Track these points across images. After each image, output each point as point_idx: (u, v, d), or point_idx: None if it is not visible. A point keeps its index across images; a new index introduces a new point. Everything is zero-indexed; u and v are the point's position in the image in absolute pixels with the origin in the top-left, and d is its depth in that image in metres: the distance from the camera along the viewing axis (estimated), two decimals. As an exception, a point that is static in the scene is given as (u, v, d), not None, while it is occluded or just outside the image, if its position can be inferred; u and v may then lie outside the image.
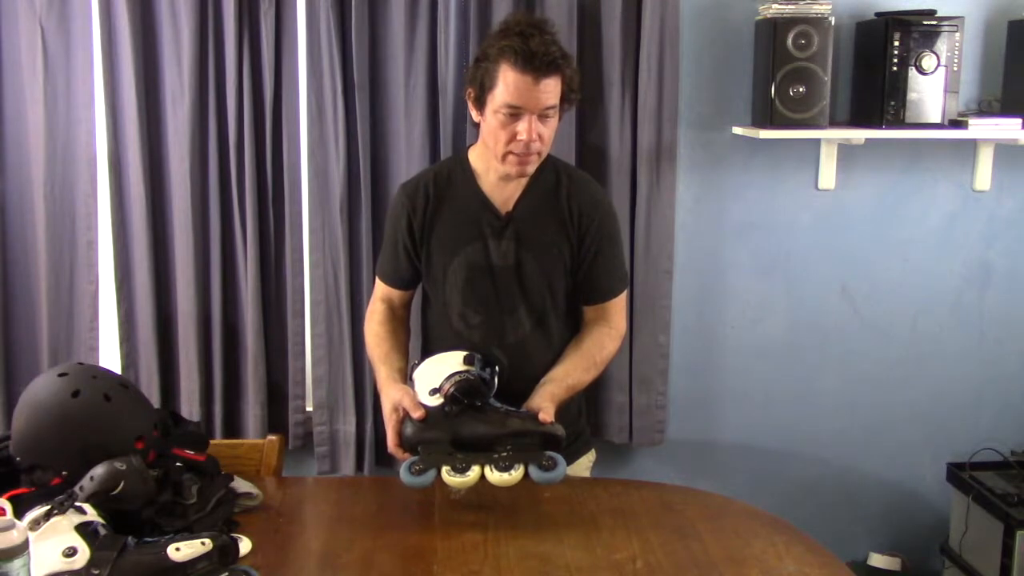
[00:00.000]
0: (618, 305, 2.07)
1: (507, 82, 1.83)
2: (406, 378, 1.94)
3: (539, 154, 1.92)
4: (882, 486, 3.08)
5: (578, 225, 1.99)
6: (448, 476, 1.70)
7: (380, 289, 2.14)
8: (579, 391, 1.99)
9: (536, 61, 1.81)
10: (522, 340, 2.01)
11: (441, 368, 1.83)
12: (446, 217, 2.01)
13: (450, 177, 2.03)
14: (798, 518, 1.86)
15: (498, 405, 1.79)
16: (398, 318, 2.13)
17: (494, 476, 1.69)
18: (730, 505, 1.85)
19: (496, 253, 1.98)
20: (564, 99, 1.90)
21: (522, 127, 1.85)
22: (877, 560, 3.03)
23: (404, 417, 1.79)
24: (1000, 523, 2.70)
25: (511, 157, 1.90)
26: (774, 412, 3.00)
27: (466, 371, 1.80)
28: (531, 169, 1.95)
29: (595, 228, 2.00)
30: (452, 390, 1.75)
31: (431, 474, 1.70)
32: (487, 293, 2.00)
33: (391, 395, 1.85)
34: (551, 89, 1.85)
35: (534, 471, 1.69)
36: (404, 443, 1.78)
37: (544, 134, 1.88)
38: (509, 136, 1.87)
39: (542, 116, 1.86)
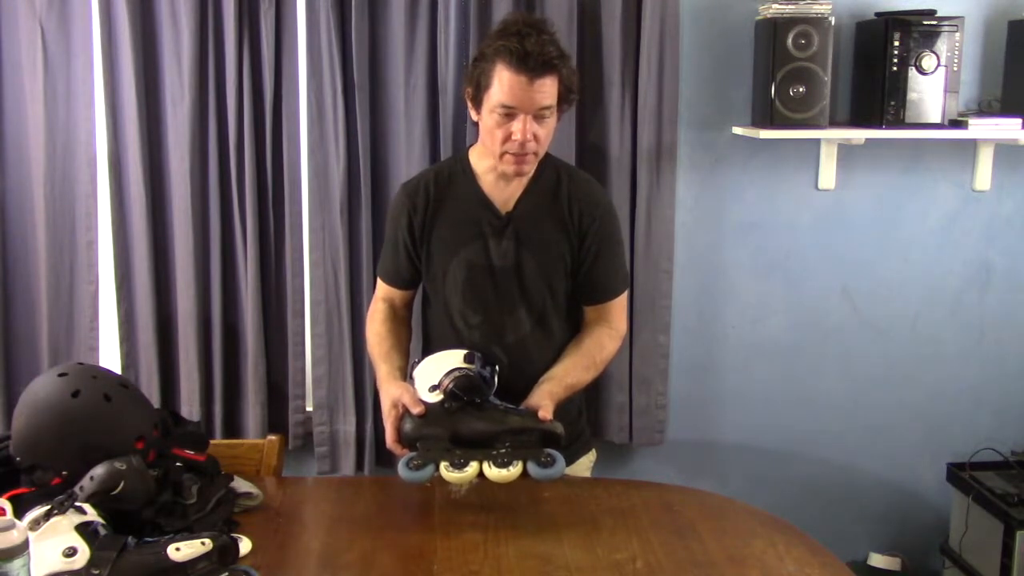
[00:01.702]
0: (619, 305, 2.07)
1: (502, 82, 1.83)
2: (406, 377, 1.94)
3: (535, 154, 1.91)
4: (882, 486, 3.08)
5: (578, 225, 1.99)
6: (446, 472, 1.70)
7: (381, 289, 2.14)
8: (578, 391, 2.00)
9: (531, 61, 1.80)
10: (522, 340, 2.01)
11: (441, 366, 1.83)
12: (446, 217, 2.01)
13: (451, 177, 2.03)
14: (798, 518, 1.85)
15: (497, 403, 1.79)
16: (399, 318, 2.13)
17: (492, 472, 1.69)
18: (730, 505, 1.85)
19: (496, 253, 1.98)
20: (562, 99, 1.89)
21: (517, 127, 1.85)
22: (877, 560, 3.03)
23: (404, 413, 1.79)
24: (1000, 523, 2.70)
25: (507, 156, 1.90)
26: (774, 412, 3.00)
27: (466, 368, 1.80)
28: (528, 169, 1.95)
29: (596, 228, 2.00)
30: (451, 386, 1.76)
31: (429, 469, 1.70)
32: (487, 293, 2.00)
33: (390, 392, 1.85)
34: (546, 89, 1.84)
35: (532, 468, 1.69)
36: (403, 439, 1.78)
37: (540, 134, 1.88)
38: (504, 136, 1.87)
39: (538, 116, 1.86)
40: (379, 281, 2.15)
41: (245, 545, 1.59)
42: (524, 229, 1.98)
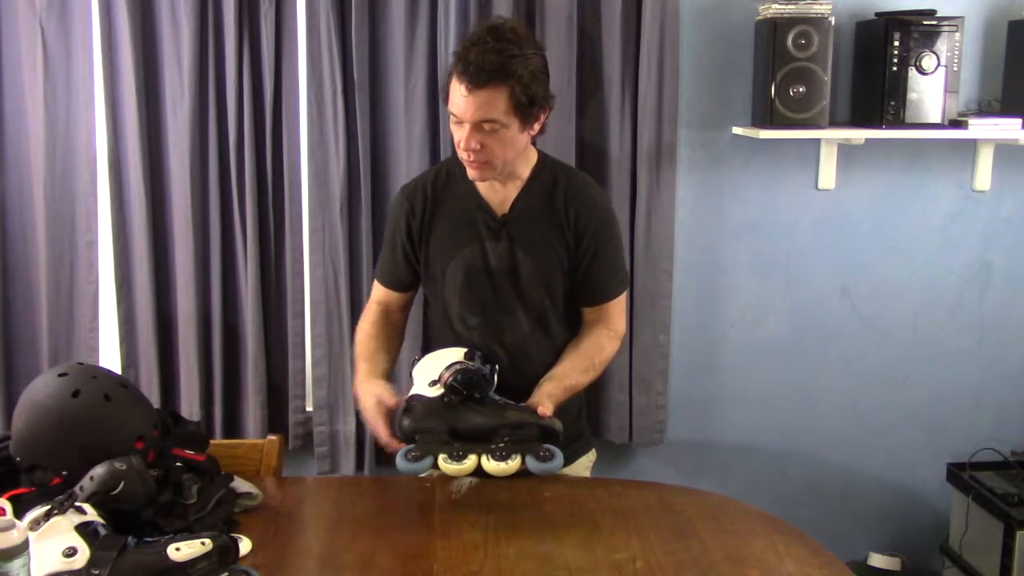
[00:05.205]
0: (618, 306, 2.07)
1: (452, 90, 1.85)
2: (389, 380, 1.94)
3: (489, 163, 1.89)
4: (882, 486, 3.08)
5: (575, 227, 1.99)
6: (445, 464, 1.71)
7: (377, 291, 2.14)
8: (578, 392, 1.99)
9: (470, 70, 1.79)
10: (521, 340, 2.01)
11: (441, 361, 1.84)
12: (444, 219, 2.01)
13: (448, 179, 2.04)
14: (798, 518, 1.85)
15: (496, 398, 1.80)
16: (392, 322, 2.12)
17: (491, 465, 1.70)
18: (730, 505, 1.84)
19: (493, 255, 1.98)
20: (517, 112, 1.84)
21: (459, 135, 1.86)
22: (877, 560, 3.03)
23: (403, 408, 1.80)
24: (1000, 523, 2.70)
25: (465, 161, 1.91)
26: (774, 412, 3.00)
27: (466, 363, 1.81)
28: (489, 175, 1.93)
29: (592, 230, 1.99)
30: (451, 380, 1.77)
31: (427, 461, 1.71)
32: (485, 295, 2.00)
33: (372, 390, 1.87)
34: (486, 101, 1.81)
35: (531, 461, 1.70)
36: (402, 433, 1.79)
37: (489, 145, 1.85)
38: (457, 141, 1.88)
39: (483, 128, 1.84)
40: (375, 284, 2.14)
41: (245, 545, 1.59)
42: (520, 231, 1.98)
